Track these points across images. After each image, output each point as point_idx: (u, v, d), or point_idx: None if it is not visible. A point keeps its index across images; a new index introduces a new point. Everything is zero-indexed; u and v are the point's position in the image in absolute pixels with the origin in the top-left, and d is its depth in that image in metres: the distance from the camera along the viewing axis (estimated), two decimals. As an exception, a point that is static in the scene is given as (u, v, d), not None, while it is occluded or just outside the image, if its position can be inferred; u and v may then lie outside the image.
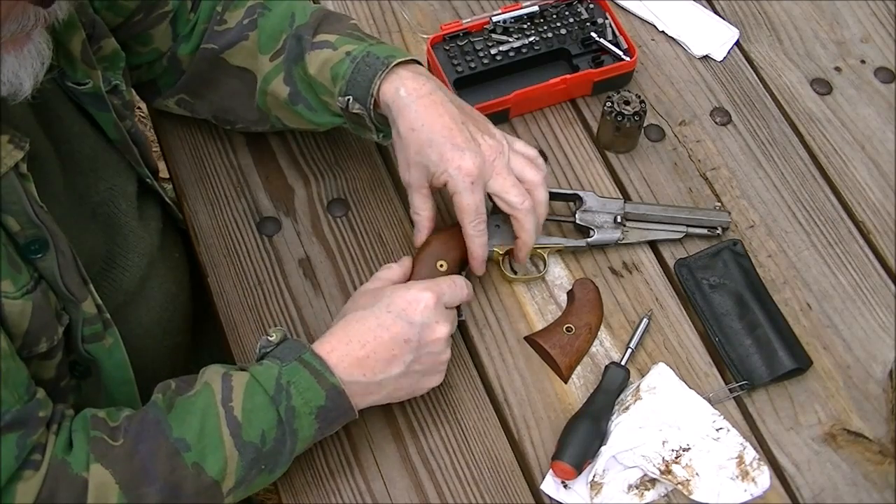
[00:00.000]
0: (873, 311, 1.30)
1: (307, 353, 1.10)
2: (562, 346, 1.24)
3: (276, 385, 1.08)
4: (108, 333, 1.14)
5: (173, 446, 1.04)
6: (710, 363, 1.25)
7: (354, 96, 1.19)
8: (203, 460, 1.04)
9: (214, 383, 1.08)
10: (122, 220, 1.24)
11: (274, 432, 1.07)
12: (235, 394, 1.07)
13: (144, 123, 2.52)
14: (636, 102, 1.37)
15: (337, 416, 1.11)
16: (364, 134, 1.26)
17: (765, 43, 1.52)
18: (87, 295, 1.09)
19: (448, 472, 1.18)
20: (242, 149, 1.41)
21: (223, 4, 1.29)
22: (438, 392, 1.22)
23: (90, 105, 1.18)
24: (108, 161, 1.23)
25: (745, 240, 1.34)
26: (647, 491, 1.17)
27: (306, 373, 1.09)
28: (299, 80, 1.25)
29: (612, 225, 1.31)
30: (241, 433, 1.06)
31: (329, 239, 1.34)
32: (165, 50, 1.30)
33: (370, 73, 1.19)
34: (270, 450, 1.08)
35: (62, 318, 1.08)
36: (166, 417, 1.05)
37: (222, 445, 1.05)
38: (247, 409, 1.06)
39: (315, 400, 1.09)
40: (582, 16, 1.47)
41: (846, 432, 1.21)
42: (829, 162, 1.41)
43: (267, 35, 1.27)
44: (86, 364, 1.14)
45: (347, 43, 1.22)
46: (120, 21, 1.24)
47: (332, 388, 1.09)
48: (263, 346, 1.13)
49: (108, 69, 1.20)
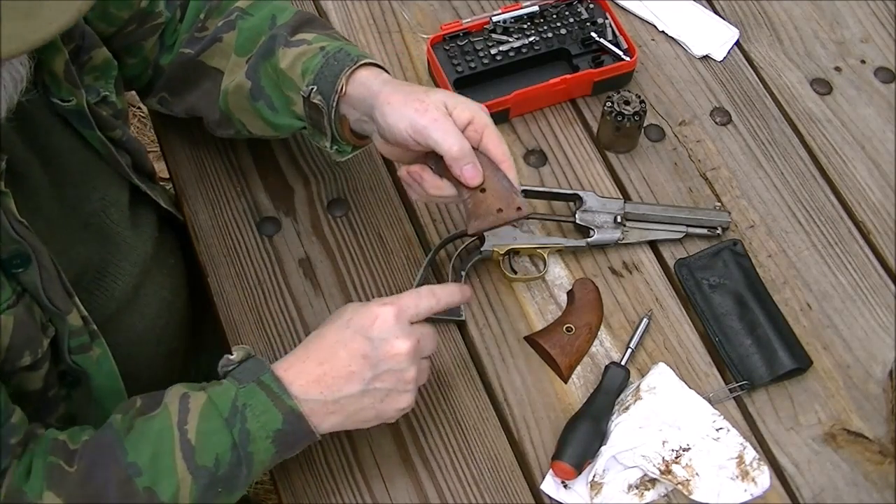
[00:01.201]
0: (873, 311, 1.30)
1: (267, 374, 1.07)
2: (562, 346, 1.24)
3: (232, 407, 1.05)
4: (95, 344, 1.13)
5: (125, 472, 1.02)
6: (710, 363, 1.26)
7: (319, 88, 1.17)
8: (156, 485, 1.02)
9: (172, 405, 1.06)
10: (114, 230, 1.24)
11: (228, 456, 1.04)
12: (192, 416, 1.05)
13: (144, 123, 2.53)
14: (636, 102, 1.37)
15: (296, 439, 1.08)
16: (319, 140, 1.23)
17: (765, 43, 1.52)
18: (71, 308, 1.09)
19: (448, 472, 1.18)
20: (242, 149, 1.41)
21: (206, 12, 1.29)
22: (438, 392, 1.23)
23: (74, 121, 1.17)
24: (99, 172, 1.23)
25: (745, 240, 1.34)
26: (647, 491, 1.17)
27: (263, 395, 1.06)
28: (264, 75, 1.24)
29: (612, 225, 1.31)
30: (194, 457, 1.03)
31: (329, 239, 1.34)
32: (152, 60, 1.31)
33: (338, 67, 1.17)
34: (225, 473, 1.05)
35: (48, 330, 1.07)
36: (122, 441, 1.03)
37: (175, 470, 1.03)
38: (201, 431, 1.04)
39: (271, 423, 1.05)
40: (582, 16, 1.47)
41: (846, 432, 1.21)
42: (829, 162, 1.41)
43: (244, 37, 1.26)
44: (75, 374, 1.13)
45: (323, 40, 1.22)
46: (113, 31, 1.24)
47: (289, 411, 1.06)
48: (224, 365, 1.10)
49: (98, 79, 1.20)
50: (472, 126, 1.15)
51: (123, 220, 1.25)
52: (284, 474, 1.18)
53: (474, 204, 1.15)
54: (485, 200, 1.15)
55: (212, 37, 1.27)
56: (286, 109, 1.24)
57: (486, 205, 1.15)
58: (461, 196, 1.16)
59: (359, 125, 1.20)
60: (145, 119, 2.52)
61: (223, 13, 1.29)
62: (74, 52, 1.16)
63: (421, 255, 1.32)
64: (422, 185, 1.16)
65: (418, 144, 1.14)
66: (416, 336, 1.11)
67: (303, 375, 1.08)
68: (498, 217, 1.15)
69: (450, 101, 1.15)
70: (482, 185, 1.14)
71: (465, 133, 1.14)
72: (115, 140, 1.23)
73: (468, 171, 1.13)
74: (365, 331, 1.09)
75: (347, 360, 1.08)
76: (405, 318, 1.10)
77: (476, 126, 1.15)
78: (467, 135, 1.14)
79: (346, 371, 1.08)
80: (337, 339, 1.10)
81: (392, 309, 1.10)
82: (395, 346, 1.09)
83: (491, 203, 1.15)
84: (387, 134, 1.15)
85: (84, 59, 1.17)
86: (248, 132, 1.31)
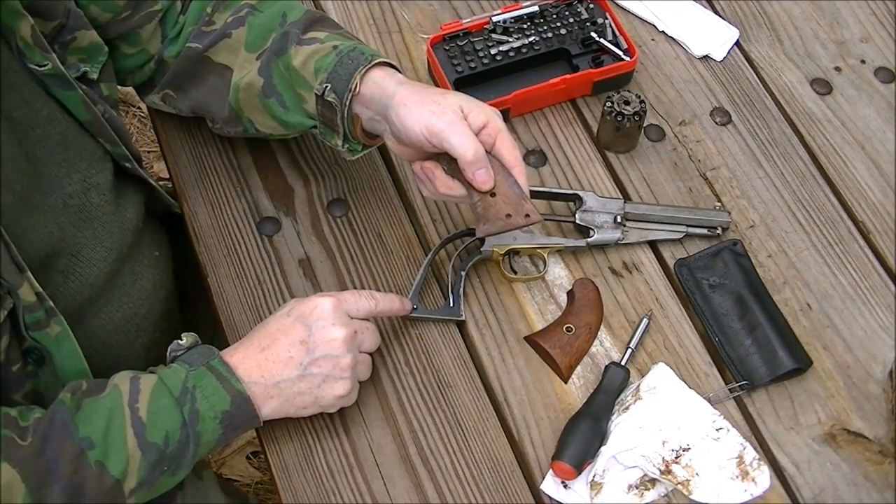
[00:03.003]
0: (873, 311, 1.30)
1: (216, 359, 1.12)
2: (562, 346, 1.24)
3: (182, 388, 1.10)
4: (54, 322, 1.13)
5: (78, 446, 1.05)
6: (710, 363, 1.26)
7: (333, 86, 1.19)
8: (106, 459, 1.05)
9: (123, 385, 1.10)
10: (92, 213, 1.23)
11: (178, 434, 1.09)
12: (142, 395, 1.09)
13: (144, 123, 2.53)
14: (636, 102, 1.37)
15: (241, 422, 1.12)
16: (331, 139, 1.24)
17: (765, 43, 1.52)
18: (22, 282, 1.09)
19: (448, 472, 1.18)
20: (242, 149, 1.41)
21: (213, 6, 1.29)
22: (438, 392, 1.23)
23: (55, 87, 1.17)
24: (82, 148, 1.22)
25: (745, 240, 1.34)
26: (647, 491, 1.17)
27: (212, 377, 1.11)
28: (276, 73, 1.24)
29: (612, 225, 1.31)
30: (144, 433, 1.07)
31: (329, 239, 1.34)
32: (154, 53, 1.30)
33: (353, 66, 1.19)
34: (174, 451, 1.09)
35: (4, 301, 1.08)
36: (73, 418, 1.06)
37: (125, 445, 1.06)
38: (152, 410, 1.08)
39: (220, 405, 1.10)
40: (582, 16, 1.47)
41: (846, 432, 1.21)
42: (829, 162, 1.41)
43: (255, 34, 1.27)
44: (38, 352, 1.14)
45: (336, 39, 1.23)
46: (108, 17, 1.24)
47: (237, 394, 1.11)
48: (173, 350, 1.14)
49: (83, 61, 1.20)
50: (486, 130, 1.17)
51: (104, 204, 1.24)
52: (284, 474, 1.18)
53: (484, 207, 1.17)
54: (494, 205, 1.17)
55: (220, 32, 1.28)
56: (298, 108, 1.25)
57: (495, 209, 1.17)
58: (471, 198, 1.18)
59: (371, 124, 1.22)
60: (145, 119, 2.52)
61: (231, 8, 1.29)
62: (57, 30, 1.17)
63: (421, 255, 1.32)
64: (433, 183, 1.19)
65: (433, 146, 1.16)
66: (354, 327, 1.16)
67: (246, 360, 1.13)
68: (507, 222, 1.17)
69: (465, 104, 1.17)
70: (493, 189, 1.16)
71: (479, 136, 1.16)
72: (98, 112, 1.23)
73: (480, 175, 1.15)
74: (304, 318, 1.15)
75: (287, 345, 1.14)
76: (343, 310, 1.16)
77: (490, 130, 1.17)
78: (481, 138, 1.16)
79: (286, 356, 1.14)
80: (278, 327, 1.15)
81: (331, 300, 1.16)
82: (331, 333, 1.14)
83: (501, 208, 1.17)
84: (402, 135, 1.17)
85: (67, 37, 1.18)
86: (256, 130, 1.31)
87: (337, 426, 1.20)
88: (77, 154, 1.21)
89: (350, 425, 1.20)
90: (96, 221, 1.23)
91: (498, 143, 1.17)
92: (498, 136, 1.17)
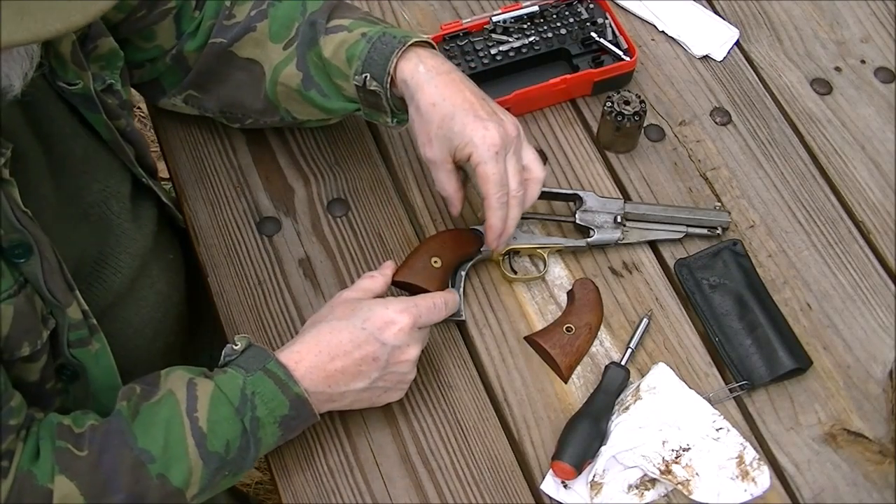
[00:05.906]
0: (873, 311, 1.30)
1: (272, 361, 1.11)
2: (562, 346, 1.24)
3: (241, 396, 1.08)
4: (94, 339, 1.13)
5: (138, 457, 1.04)
6: (710, 363, 1.26)
7: (371, 74, 1.19)
8: (167, 471, 1.05)
9: (179, 391, 1.08)
10: (114, 222, 1.24)
11: (238, 441, 1.08)
12: (200, 404, 1.07)
13: (144, 123, 2.53)
14: (636, 102, 1.37)
15: (299, 422, 1.13)
16: (379, 118, 1.25)
17: (765, 43, 1.52)
18: (72, 301, 1.09)
19: (448, 472, 1.18)
20: (242, 149, 1.41)
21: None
22: (438, 392, 1.23)
23: (80, 105, 1.17)
24: (102, 161, 1.23)
25: (745, 240, 1.34)
26: (647, 491, 1.17)
27: (270, 383, 1.09)
28: (312, 64, 1.25)
29: (612, 225, 1.31)
30: (206, 443, 1.06)
31: (329, 239, 1.34)
32: (169, 48, 1.29)
33: (387, 51, 1.19)
34: (234, 457, 1.08)
35: (48, 321, 1.07)
36: (130, 427, 1.05)
37: (187, 456, 1.05)
38: (212, 420, 1.07)
39: (279, 409, 1.10)
40: (582, 16, 1.47)
41: (846, 432, 1.21)
42: (829, 162, 1.41)
43: (279, 24, 1.27)
44: (73, 369, 1.14)
45: (362, 25, 1.23)
46: (121, 17, 1.24)
47: (295, 397, 1.10)
48: (228, 355, 1.13)
49: (104, 69, 1.20)
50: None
51: (124, 213, 1.25)
52: (284, 474, 1.18)
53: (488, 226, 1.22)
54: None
55: (244, 26, 1.27)
56: (337, 95, 1.26)
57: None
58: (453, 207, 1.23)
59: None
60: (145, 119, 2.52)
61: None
62: (81, 40, 1.16)
63: (421, 255, 1.32)
64: (437, 174, 1.21)
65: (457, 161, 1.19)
66: (424, 339, 1.16)
67: (315, 370, 1.12)
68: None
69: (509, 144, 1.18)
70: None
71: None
72: (120, 130, 1.23)
73: (493, 242, 1.22)
74: (380, 334, 1.13)
75: (359, 359, 1.13)
76: (417, 325, 1.15)
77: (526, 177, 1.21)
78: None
79: (356, 370, 1.13)
80: (351, 338, 1.13)
81: (409, 319, 1.14)
82: (407, 354, 1.14)
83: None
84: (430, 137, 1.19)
85: (90, 47, 1.18)
86: (293, 118, 1.32)
87: (337, 426, 1.20)
88: (97, 166, 1.22)
89: (350, 425, 1.20)
90: (118, 229, 1.24)
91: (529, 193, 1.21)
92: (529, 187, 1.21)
